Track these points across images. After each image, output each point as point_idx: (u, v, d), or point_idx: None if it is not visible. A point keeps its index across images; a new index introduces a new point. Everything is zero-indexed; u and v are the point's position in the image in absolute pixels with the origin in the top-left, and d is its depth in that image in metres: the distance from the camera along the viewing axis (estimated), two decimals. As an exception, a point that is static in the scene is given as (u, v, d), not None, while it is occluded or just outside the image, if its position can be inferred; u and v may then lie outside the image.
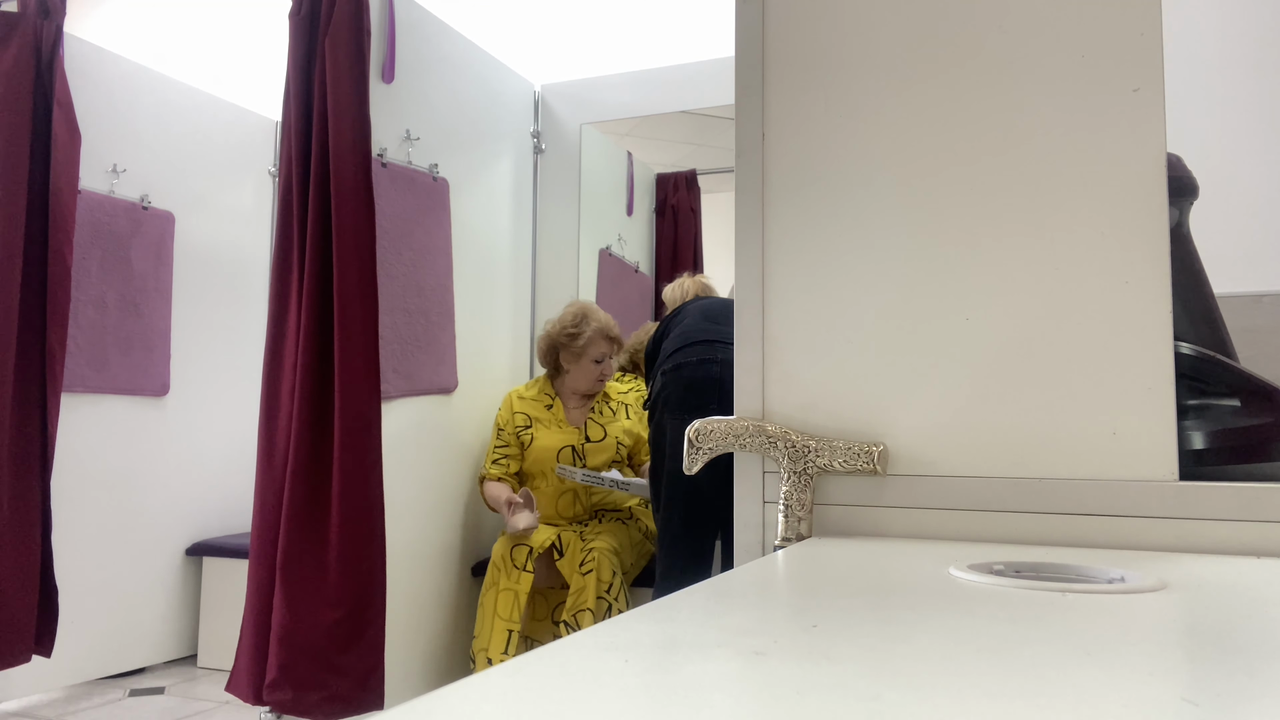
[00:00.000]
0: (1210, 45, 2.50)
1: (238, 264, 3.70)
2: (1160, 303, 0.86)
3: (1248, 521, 0.81)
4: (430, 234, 2.77)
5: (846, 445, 0.91)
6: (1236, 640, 0.47)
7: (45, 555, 2.69)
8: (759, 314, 0.98)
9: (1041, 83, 0.92)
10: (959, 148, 0.94)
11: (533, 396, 2.84)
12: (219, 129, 3.64)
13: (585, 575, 2.50)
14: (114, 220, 3.18)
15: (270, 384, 2.41)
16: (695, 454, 0.97)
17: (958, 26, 0.95)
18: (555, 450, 2.76)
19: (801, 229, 0.98)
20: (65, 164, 2.76)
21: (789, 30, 1.00)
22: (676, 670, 0.39)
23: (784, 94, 1.00)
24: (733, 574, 0.68)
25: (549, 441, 2.77)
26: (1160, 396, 0.86)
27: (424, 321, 2.71)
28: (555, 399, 2.83)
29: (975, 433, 0.90)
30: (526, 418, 2.81)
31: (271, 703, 2.26)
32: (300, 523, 2.31)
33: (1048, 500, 0.87)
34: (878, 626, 0.49)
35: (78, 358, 3.02)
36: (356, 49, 2.41)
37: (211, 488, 3.56)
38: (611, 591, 2.47)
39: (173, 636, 3.39)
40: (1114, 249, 0.88)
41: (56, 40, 2.76)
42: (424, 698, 0.35)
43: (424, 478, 2.71)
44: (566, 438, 2.77)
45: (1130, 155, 0.88)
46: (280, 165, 2.47)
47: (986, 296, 0.91)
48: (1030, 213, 0.91)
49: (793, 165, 0.99)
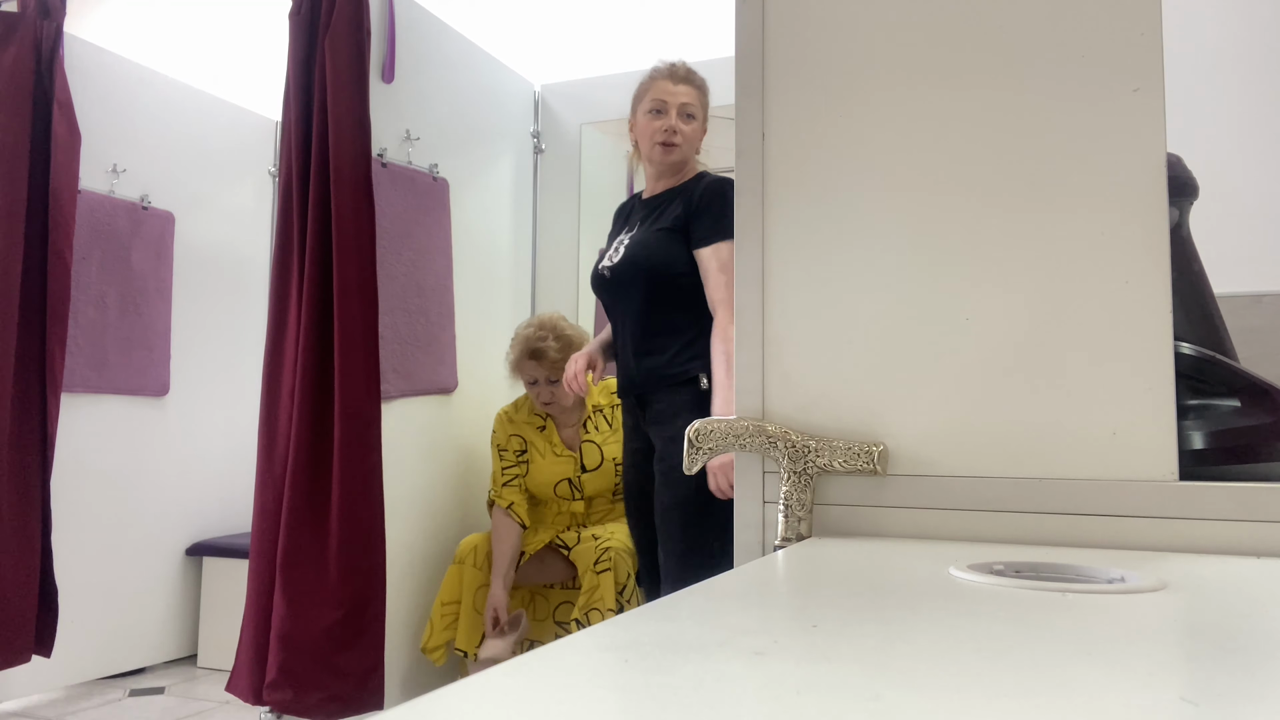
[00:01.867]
0: (1210, 45, 2.50)
1: (238, 264, 3.70)
2: (1160, 303, 0.86)
3: (1248, 521, 0.81)
4: (430, 234, 2.76)
5: (846, 445, 0.91)
6: (1236, 640, 0.47)
7: (45, 555, 2.69)
8: (759, 314, 0.98)
9: (1041, 83, 0.92)
10: (959, 148, 0.94)
11: (524, 419, 2.73)
12: (219, 129, 3.64)
13: (601, 574, 2.47)
14: (114, 220, 3.18)
15: (270, 384, 2.41)
16: (695, 454, 0.97)
17: (958, 27, 0.95)
18: (553, 484, 2.67)
19: (801, 229, 0.98)
20: (65, 164, 2.76)
21: (789, 30, 1.00)
22: (676, 670, 0.39)
23: (784, 94, 1.00)
24: (733, 574, 0.68)
25: (545, 476, 2.67)
26: (1160, 396, 0.86)
27: (424, 321, 2.71)
28: (546, 419, 2.71)
29: (975, 433, 0.90)
30: (522, 441, 2.71)
31: (271, 703, 2.26)
32: (300, 523, 2.30)
33: (1048, 500, 0.87)
34: (878, 626, 0.49)
35: (78, 358, 3.02)
36: (356, 49, 2.41)
37: (211, 488, 3.56)
38: (626, 593, 2.46)
39: (173, 636, 3.39)
40: (1114, 249, 0.88)
41: (56, 40, 2.76)
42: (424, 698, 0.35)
43: (424, 478, 2.71)
44: (562, 468, 2.67)
45: (1130, 155, 0.88)
46: (280, 165, 2.47)
47: (986, 296, 0.91)
48: (1030, 213, 0.91)
49: (793, 165, 0.99)
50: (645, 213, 2.37)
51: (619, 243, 2.37)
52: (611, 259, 2.35)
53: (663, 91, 2.30)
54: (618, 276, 2.31)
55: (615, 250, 2.36)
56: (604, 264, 2.37)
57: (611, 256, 2.36)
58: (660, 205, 2.34)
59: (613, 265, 2.33)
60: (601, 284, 2.37)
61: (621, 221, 2.48)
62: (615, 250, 2.36)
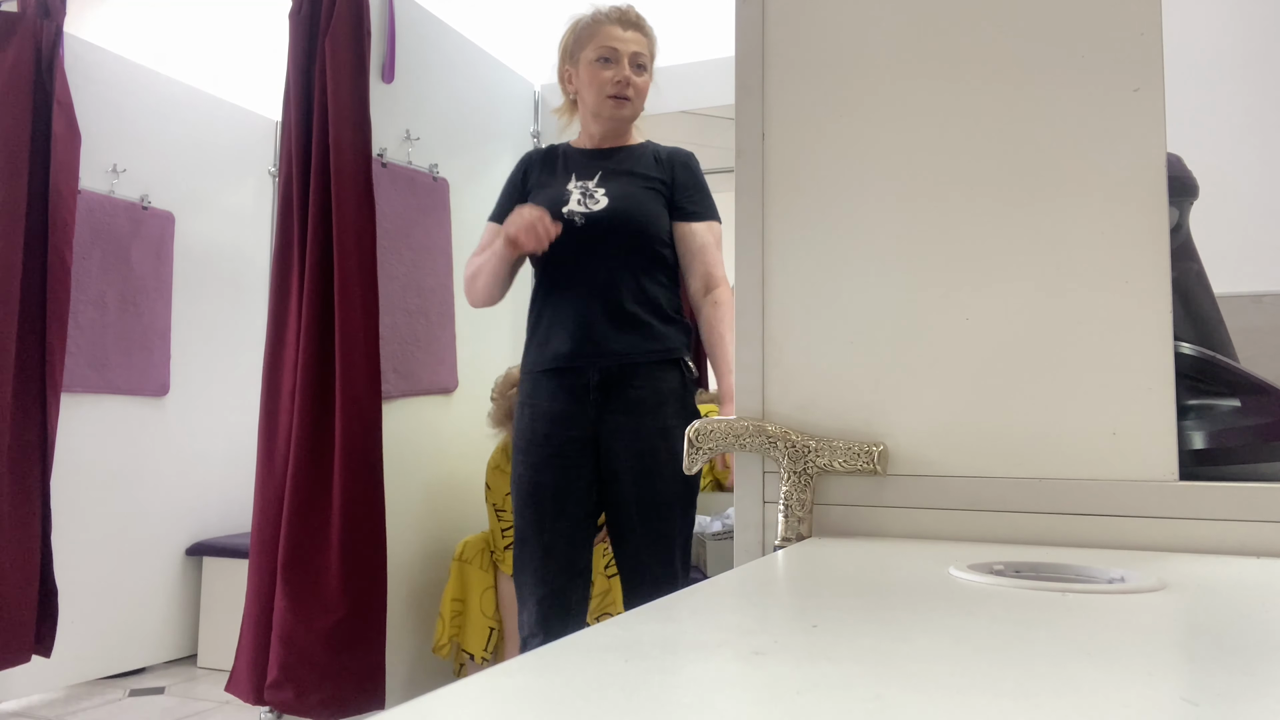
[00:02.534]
0: (1210, 45, 2.50)
1: (238, 264, 3.70)
2: (1160, 303, 0.86)
3: (1248, 521, 0.81)
4: (430, 234, 2.76)
5: (846, 445, 0.91)
6: (1236, 640, 0.47)
7: (45, 555, 2.69)
8: (759, 314, 0.98)
9: (1042, 83, 0.92)
10: (959, 147, 0.94)
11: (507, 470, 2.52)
12: (219, 129, 3.64)
13: (611, 578, 2.46)
14: (114, 220, 3.18)
15: (270, 384, 2.41)
16: (695, 454, 0.97)
17: (957, 27, 0.95)
18: None
19: (801, 229, 0.98)
20: (65, 164, 2.76)
21: (789, 30, 1.00)
22: (676, 670, 0.39)
23: (784, 94, 1.00)
24: (733, 574, 0.68)
25: None
26: (1160, 396, 0.86)
27: (424, 321, 2.71)
28: None
29: (975, 433, 0.90)
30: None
31: (272, 703, 2.26)
32: (300, 523, 2.30)
33: (1048, 500, 0.87)
34: (878, 626, 0.49)
35: (78, 358, 3.02)
36: (356, 49, 2.41)
37: (211, 488, 3.55)
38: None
39: (173, 636, 3.39)
40: (1114, 249, 0.88)
41: (56, 40, 2.76)
42: (424, 698, 0.35)
43: (424, 478, 2.70)
44: None
45: (1130, 155, 0.88)
46: (280, 165, 2.47)
47: (986, 296, 0.91)
48: (1030, 212, 0.91)
49: (793, 165, 0.99)
50: (605, 165, 2.03)
51: (583, 190, 1.99)
52: (585, 205, 1.96)
53: (612, 38, 2.00)
54: (596, 226, 1.94)
55: (587, 197, 1.98)
56: (572, 208, 1.96)
57: (584, 202, 1.97)
58: (623, 162, 2.03)
59: (589, 213, 1.95)
60: (570, 234, 1.92)
61: (558, 169, 2.07)
62: (587, 197, 1.98)
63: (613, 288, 1.93)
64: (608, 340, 1.92)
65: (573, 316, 1.94)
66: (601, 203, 1.96)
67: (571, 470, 1.94)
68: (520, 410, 2.03)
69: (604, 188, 1.99)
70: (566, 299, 1.96)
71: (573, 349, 1.93)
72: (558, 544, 1.93)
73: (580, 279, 1.95)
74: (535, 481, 1.95)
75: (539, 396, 1.98)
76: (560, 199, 1.99)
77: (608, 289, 1.93)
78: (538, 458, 1.95)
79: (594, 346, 1.92)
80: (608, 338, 1.92)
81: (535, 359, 2.01)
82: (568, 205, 1.97)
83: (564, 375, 1.95)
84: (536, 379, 2.00)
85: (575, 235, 1.94)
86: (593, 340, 1.92)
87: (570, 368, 1.94)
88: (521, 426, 2.00)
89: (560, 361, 1.95)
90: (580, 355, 1.93)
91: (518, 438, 2.00)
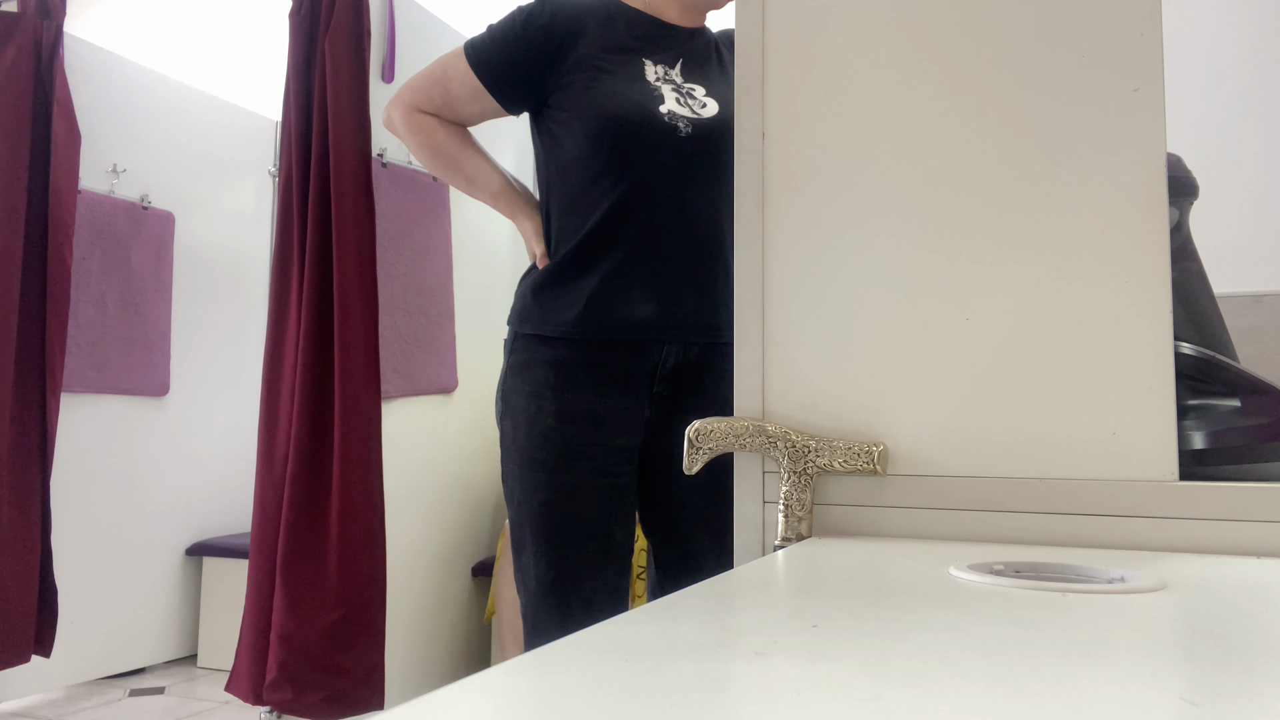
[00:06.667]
0: (1210, 45, 2.50)
1: (238, 264, 3.70)
2: (1160, 303, 0.86)
3: (1248, 521, 0.81)
4: (430, 234, 2.76)
5: (846, 445, 0.91)
6: (1236, 640, 0.47)
7: (45, 555, 2.69)
8: (759, 314, 0.98)
9: (1041, 83, 0.92)
10: (958, 148, 0.94)
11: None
12: (219, 129, 3.64)
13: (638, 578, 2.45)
14: (114, 220, 3.18)
15: (270, 384, 2.41)
16: (695, 454, 0.97)
17: (958, 27, 0.95)
18: None
19: (801, 229, 0.98)
20: (65, 164, 2.76)
21: (789, 30, 1.00)
22: (676, 670, 0.39)
23: (784, 94, 1.00)
24: (733, 574, 0.68)
25: None
26: (1160, 396, 0.86)
27: (424, 321, 2.71)
28: None
29: (975, 433, 0.90)
30: None
31: (272, 703, 2.26)
32: (300, 522, 2.30)
33: (1048, 500, 0.87)
34: (878, 626, 0.49)
35: (78, 358, 3.02)
36: (356, 49, 2.41)
37: (211, 488, 3.55)
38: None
39: (173, 636, 3.39)
40: (1114, 249, 0.88)
41: (56, 40, 2.76)
42: (424, 698, 0.35)
43: (424, 478, 2.70)
44: None
45: (1130, 155, 0.88)
46: (280, 165, 2.47)
47: (986, 296, 0.91)
48: (1030, 212, 0.91)
49: (793, 165, 0.99)
50: (699, 53, 1.42)
51: (674, 86, 1.35)
52: (691, 108, 1.34)
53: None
54: (705, 141, 1.32)
55: (687, 96, 1.35)
56: (673, 109, 1.32)
57: (687, 103, 1.34)
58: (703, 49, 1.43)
59: (697, 119, 1.33)
60: (668, 149, 1.31)
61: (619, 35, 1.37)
62: (687, 96, 1.35)
63: (716, 236, 1.33)
64: (700, 309, 1.33)
65: (656, 269, 1.31)
66: (710, 107, 1.36)
67: (617, 496, 1.34)
68: (527, 401, 1.34)
69: (704, 87, 1.39)
70: (647, 242, 1.31)
71: (652, 316, 1.30)
72: (598, 598, 1.32)
73: (674, 217, 1.32)
74: (565, 512, 1.31)
75: (574, 383, 1.31)
76: (650, 95, 1.33)
77: (711, 237, 1.33)
78: (569, 479, 1.31)
79: (679, 315, 1.32)
80: (700, 306, 1.33)
81: (577, 320, 1.30)
82: (665, 105, 1.33)
83: (620, 353, 1.32)
84: (568, 355, 1.31)
85: (675, 152, 1.31)
86: (680, 306, 1.32)
87: (637, 341, 1.32)
88: (534, 429, 1.33)
89: (623, 332, 1.31)
90: (660, 325, 1.31)
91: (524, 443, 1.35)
